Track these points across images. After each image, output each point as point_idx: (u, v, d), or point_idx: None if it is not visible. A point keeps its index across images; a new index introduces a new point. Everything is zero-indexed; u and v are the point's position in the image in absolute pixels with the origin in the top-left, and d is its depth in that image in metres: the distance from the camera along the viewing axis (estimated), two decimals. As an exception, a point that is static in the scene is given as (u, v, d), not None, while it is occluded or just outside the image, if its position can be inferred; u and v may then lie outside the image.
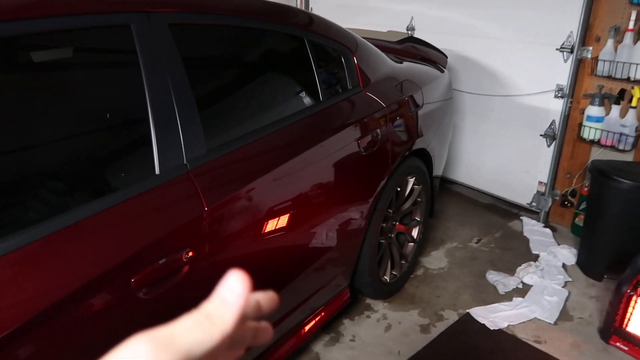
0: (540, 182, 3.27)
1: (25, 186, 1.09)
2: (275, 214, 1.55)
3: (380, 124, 2.06)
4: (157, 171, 1.26)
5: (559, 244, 3.06)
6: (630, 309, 2.19)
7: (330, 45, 1.95)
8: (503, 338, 2.29)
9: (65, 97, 1.19)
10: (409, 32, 3.62)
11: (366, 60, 2.15)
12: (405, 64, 2.54)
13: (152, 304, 1.19)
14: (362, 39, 2.21)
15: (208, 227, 1.31)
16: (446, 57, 2.98)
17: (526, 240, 3.13)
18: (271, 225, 1.54)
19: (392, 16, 3.71)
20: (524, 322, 2.40)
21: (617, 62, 2.66)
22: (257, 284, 1.36)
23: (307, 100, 1.81)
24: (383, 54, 2.36)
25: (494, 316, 2.43)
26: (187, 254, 1.26)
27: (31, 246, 1.00)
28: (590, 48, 2.82)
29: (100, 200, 1.14)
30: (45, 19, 1.11)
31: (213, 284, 1.29)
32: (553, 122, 3.08)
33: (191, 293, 1.31)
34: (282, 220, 1.58)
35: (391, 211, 2.34)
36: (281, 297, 1.52)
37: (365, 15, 3.88)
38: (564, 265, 2.86)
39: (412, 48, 2.93)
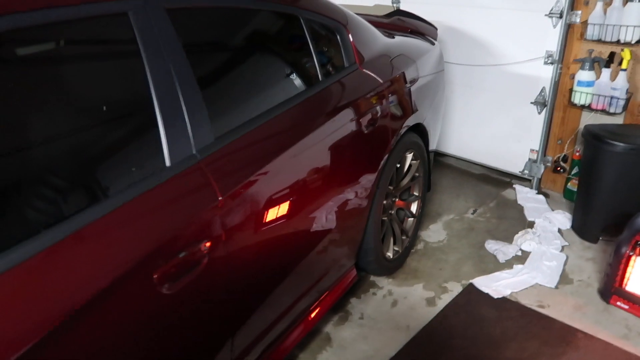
0: (532, 150, 3.30)
1: (35, 185, 1.04)
2: (286, 197, 1.53)
3: (379, 101, 2.04)
4: (167, 163, 1.23)
5: (552, 210, 3.11)
6: (629, 269, 2.24)
7: (325, 23, 1.91)
8: (507, 306, 2.33)
9: (67, 92, 1.14)
10: (394, 5, 3.57)
11: (360, 36, 2.11)
12: (397, 38, 2.50)
13: (176, 299, 1.17)
14: (354, 14, 2.17)
15: (223, 216, 1.29)
16: (436, 29, 2.95)
17: (520, 208, 3.17)
18: (283, 209, 1.52)
19: (376, -11, 3.65)
20: (526, 288, 2.44)
21: (607, 25, 2.67)
22: (271, 270, 1.35)
23: (307, 81, 1.77)
24: (375, 29, 2.32)
25: (497, 285, 2.47)
26: (205, 244, 1.23)
27: (47, 251, 0.97)
28: (580, 12, 2.82)
29: (114, 197, 1.10)
30: (39, 10, 1.05)
31: (231, 274, 1.27)
32: (543, 89, 3.09)
33: (211, 285, 1.29)
34: (293, 204, 1.56)
35: (392, 188, 2.34)
36: (294, 281, 1.52)
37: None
38: (559, 230, 2.91)
39: (401, 21, 2.89)
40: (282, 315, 1.69)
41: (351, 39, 2.02)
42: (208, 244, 1.24)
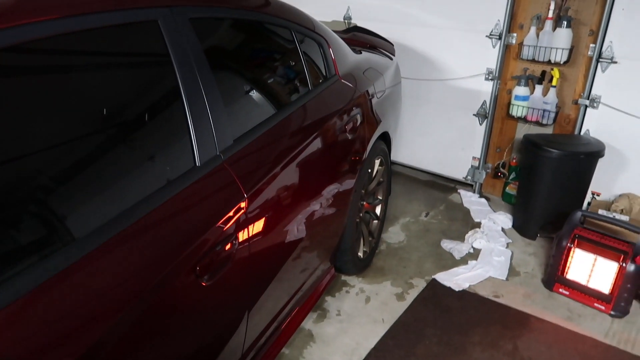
0: (474, 157, 3.62)
1: (84, 184, 1.08)
2: (294, 196, 1.64)
3: (359, 110, 2.20)
4: (197, 163, 1.30)
5: (494, 211, 3.43)
6: (570, 259, 2.56)
7: (311, 36, 2.05)
8: (468, 297, 2.56)
9: (105, 95, 1.18)
10: (346, 22, 3.78)
11: (337, 50, 2.27)
12: (364, 53, 2.70)
13: (212, 291, 1.24)
14: (330, 30, 2.33)
15: (248, 212, 1.37)
16: (392, 44, 3.18)
17: (467, 211, 3.47)
18: (291, 207, 1.63)
19: (328, 6, 3.84)
20: (481, 281, 2.70)
21: (539, 46, 3.03)
22: (279, 264, 1.47)
23: (300, 89, 1.89)
24: (346, 45, 2.50)
25: (456, 279, 2.70)
26: (235, 240, 1.31)
27: (104, 246, 1.01)
28: (515, 35, 3.18)
29: (156, 194, 1.16)
30: (77, 17, 1.09)
31: (253, 269, 1.39)
32: (484, 102, 3.43)
33: (238, 279, 1.37)
34: (299, 202, 1.68)
35: (363, 192, 2.50)
36: (294, 276, 1.65)
37: (301, 6, 3.96)
38: (503, 229, 3.22)
39: (361, 37, 3.09)
40: (283, 308, 1.78)
41: (332, 53, 2.17)
42: (237, 240, 1.32)
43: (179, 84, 1.29)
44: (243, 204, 1.36)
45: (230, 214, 1.31)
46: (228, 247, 1.29)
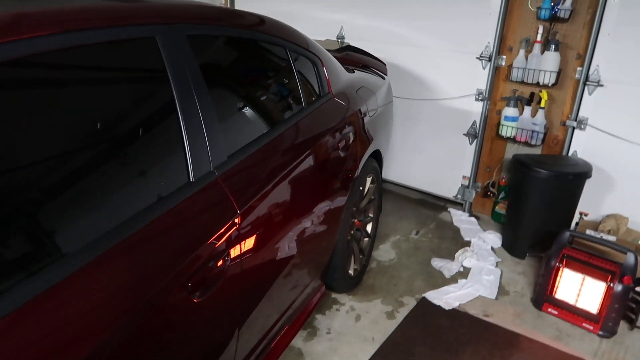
0: (464, 177, 3.66)
1: (82, 200, 1.07)
2: (287, 212, 1.65)
3: (351, 128, 2.22)
4: (191, 179, 1.30)
5: (484, 230, 3.45)
6: (558, 279, 2.58)
7: (305, 55, 2.08)
8: (458, 316, 2.57)
9: (101, 111, 1.18)
10: (339, 41, 3.84)
11: (331, 69, 2.30)
12: (357, 72, 2.73)
13: (203, 307, 1.23)
14: (324, 49, 2.36)
15: (241, 229, 1.38)
16: (384, 64, 3.23)
17: (457, 229, 3.49)
18: (284, 222, 1.63)
19: (321, 25, 3.90)
20: (471, 300, 2.70)
21: (528, 69, 3.10)
22: (271, 281, 1.47)
23: (294, 106, 1.91)
24: (339, 64, 2.53)
25: (447, 297, 2.71)
26: (227, 256, 1.31)
27: (98, 259, 1.01)
28: (505, 57, 3.24)
29: (149, 210, 1.16)
30: (76, 32, 1.10)
31: (244, 286, 1.39)
32: (474, 122, 3.47)
33: (230, 295, 1.36)
34: (292, 218, 1.68)
35: (355, 209, 2.51)
36: (285, 294, 1.65)
37: (295, 24, 4.01)
38: (492, 248, 3.24)
39: (354, 56, 3.14)
40: (273, 326, 1.77)
41: (325, 71, 2.20)
42: (229, 256, 1.32)
43: (174, 99, 1.30)
44: (236, 220, 1.36)
45: (223, 230, 1.31)
46: (220, 263, 1.29)
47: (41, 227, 0.99)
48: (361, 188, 2.54)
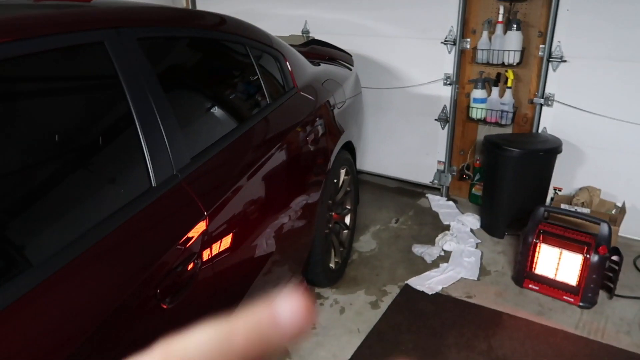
0: (439, 162, 3.68)
1: (33, 212, 1.04)
2: (257, 211, 1.62)
3: (320, 121, 2.21)
4: (153, 184, 1.27)
5: (462, 213, 3.48)
6: (537, 255, 2.61)
7: (268, 51, 2.05)
8: (442, 300, 2.58)
9: (55, 120, 1.15)
10: (305, 36, 3.82)
11: (295, 63, 2.28)
12: (322, 65, 2.72)
13: (175, 313, 1.21)
14: (286, 43, 2.34)
15: (210, 230, 1.35)
16: (350, 55, 3.22)
17: (435, 214, 3.51)
18: (255, 221, 1.61)
19: (286, 21, 3.87)
20: (453, 283, 2.72)
21: (492, 50, 3.12)
22: (246, 281, 1.45)
23: (258, 103, 1.89)
24: (303, 58, 2.51)
25: (429, 282, 2.72)
26: (197, 259, 1.29)
27: (55, 275, 0.98)
28: (469, 40, 3.26)
29: (112, 217, 1.13)
30: (19, 41, 1.07)
31: (218, 286, 1.37)
32: (445, 107, 3.49)
33: (203, 299, 1.34)
34: (263, 216, 1.66)
35: (330, 202, 2.50)
36: (262, 297, 1.64)
37: (259, 22, 3.98)
38: (471, 230, 3.27)
39: (318, 49, 3.12)
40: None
41: (289, 65, 2.18)
42: (199, 259, 1.30)
43: (129, 105, 1.26)
44: (203, 223, 1.34)
45: (190, 233, 1.29)
46: (190, 267, 1.27)
47: (1, 240, 0.96)
48: (335, 180, 2.53)
